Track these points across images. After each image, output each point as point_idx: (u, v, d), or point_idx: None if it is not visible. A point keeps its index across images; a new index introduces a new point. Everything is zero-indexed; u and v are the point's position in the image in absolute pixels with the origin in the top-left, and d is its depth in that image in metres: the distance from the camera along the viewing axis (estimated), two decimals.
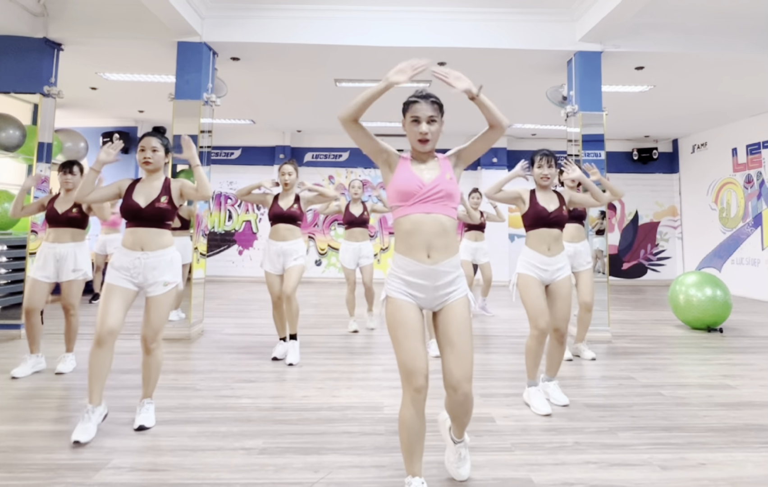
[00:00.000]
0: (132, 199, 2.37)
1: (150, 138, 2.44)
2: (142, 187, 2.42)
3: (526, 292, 2.64)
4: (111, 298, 2.28)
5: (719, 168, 8.24)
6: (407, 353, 1.62)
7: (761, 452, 2.19)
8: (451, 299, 1.69)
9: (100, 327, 2.23)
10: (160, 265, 2.36)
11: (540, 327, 2.60)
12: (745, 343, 4.37)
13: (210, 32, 4.60)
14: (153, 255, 2.35)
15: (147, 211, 2.36)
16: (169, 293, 2.39)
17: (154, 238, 2.37)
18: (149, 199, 2.38)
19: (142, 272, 2.33)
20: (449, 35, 4.68)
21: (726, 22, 4.61)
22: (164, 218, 2.41)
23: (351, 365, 3.56)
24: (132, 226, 2.37)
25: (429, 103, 1.73)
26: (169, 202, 2.43)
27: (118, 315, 2.27)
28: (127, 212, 2.37)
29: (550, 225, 2.67)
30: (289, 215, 3.60)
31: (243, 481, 1.89)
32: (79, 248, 3.24)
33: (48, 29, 4.53)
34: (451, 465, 1.92)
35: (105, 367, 2.26)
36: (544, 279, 2.66)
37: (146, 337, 2.36)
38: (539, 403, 2.61)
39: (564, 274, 2.68)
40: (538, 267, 2.65)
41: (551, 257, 2.66)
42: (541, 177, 2.70)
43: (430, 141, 1.73)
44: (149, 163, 2.43)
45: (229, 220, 9.40)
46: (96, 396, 2.25)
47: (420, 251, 1.66)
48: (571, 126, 4.76)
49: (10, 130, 4.37)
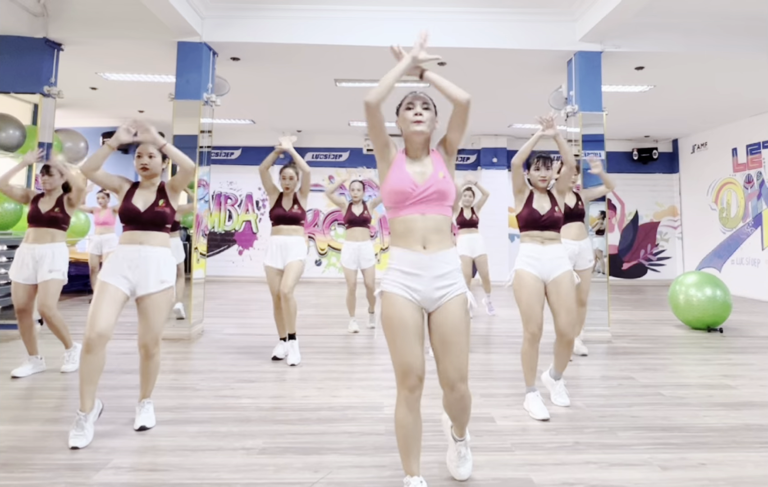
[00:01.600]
0: (131, 203, 2.37)
1: (146, 145, 2.41)
2: (141, 192, 2.42)
3: (521, 291, 2.61)
4: (102, 298, 2.23)
5: (719, 168, 8.24)
6: (401, 351, 1.61)
7: (761, 452, 2.19)
8: (447, 297, 1.67)
9: (90, 331, 2.17)
10: (158, 261, 2.35)
11: (531, 330, 2.57)
12: (745, 343, 4.37)
13: (210, 32, 4.60)
14: (152, 249, 2.35)
15: (146, 215, 2.36)
16: (166, 293, 2.37)
17: (152, 238, 2.38)
18: (148, 202, 2.38)
19: (140, 264, 2.30)
20: (449, 35, 4.68)
21: (726, 22, 4.61)
22: (163, 221, 2.42)
23: (351, 365, 3.56)
24: (130, 229, 2.37)
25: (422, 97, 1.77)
26: (167, 204, 2.43)
27: (110, 318, 2.21)
28: (126, 216, 2.36)
29: (543, 227, 2.66)
30: (291, 216, 3.62)
31: (243, 481, 1.89)
32: (57, 249, 3.20)
33: (48, 29, 4.53)
34: (451, 464, 1.92)
35: (96, 372, 2.21)
36: (541, 274, 2.61)
37: (147, 344, 2.33)
38: (537, 408, 2.58)
39: (563, 268, 2.61)
40: (533, 258, 2.62)
41: (546, 246, 2.63)
42: (540, 179, 2.69)
43: (424, 123, 1.72)
44: (147, 170, 2.42)
45: (229, 220, 9.40)
46: (87, 403, 2.20)
47: (415, 243, 1.66)
48: (571, 126, 4.76)
49: (10, 130, 4.37)
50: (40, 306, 3.13)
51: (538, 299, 2.59)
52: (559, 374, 2.79)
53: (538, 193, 2.73)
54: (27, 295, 3.15)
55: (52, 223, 3.20)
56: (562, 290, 2.59)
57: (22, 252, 3.16)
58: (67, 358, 3.31)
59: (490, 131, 8.87)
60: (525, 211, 2.69)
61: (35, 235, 3.17)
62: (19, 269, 3.13)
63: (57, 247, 3.21)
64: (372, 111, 1.68)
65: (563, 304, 2.58)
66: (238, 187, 9.43)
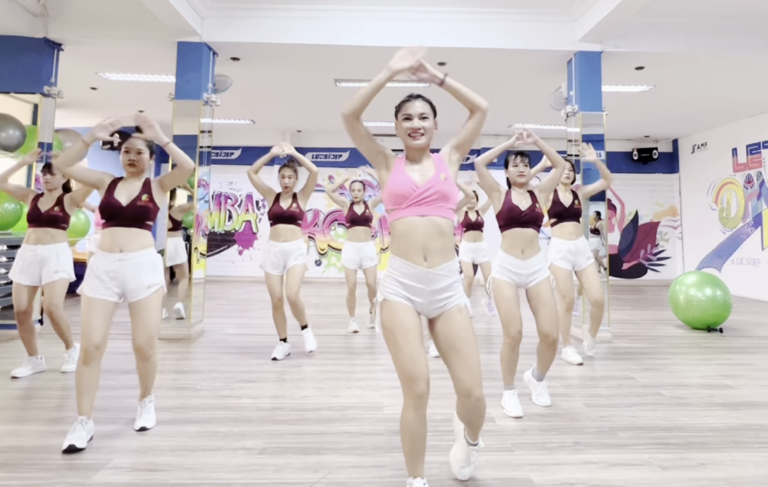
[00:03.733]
0: (113, 197, 2.29)
1: (135, 140, 2.37)
2: (124, 186, 2.35)
3: (500, 297, 2.60)
4: (92, 313, 2.18)
5: (719, 168, 8.24)
6: (407, 359, 1.59)
7: (761, 452, 2.19)
8: (448, 306, 1.67)
9: (87, 343, 2.14)
10: (141, 267, 2.28)
11: (512, 334, 2.56)
12: (745, 343, 4.37)
13: (210, 32, 4.60)
14: (133, 256, 2.27)
15: (128, 209, 2.28)
16: (156, 294, 2.32)
17: (134, 239, 2.29)
18: (131, 197, 2.30)
19: (123, 276, 2.24)
20: (449, 35, 4.68)
21: (726, 22, 4.61)
22: (145, 217, 2.33)
23: (351, 365, 3.55)
24: (111, 225, 2.28)
25: (420, 102, 1.73)
26: (151, 200, 2.35)
27: (103, 329, 2.19)
28: (107, 210, 2.28)
29: (523, 224, 2.62)
30: (289, 215, 3.63)
31: (243, 481, 1.89)
32: (60, 249, 3.19)
33: (48, 29, 4.53)
34: (457, 463, 1.91)
35: (93, 383, 2.20)
36: (519, 283, 2.61)
37: (142, 347, 2.27)
38: (511, 406, 2.59)
39: (541, 276, 2.60)
40: (511, 271, 2.61)
41: (525, 261, 2.59)
42: (518, 175, 2.68)
43: (424, 135, 1.71)
44: (134, 166, 2.37)
45: (229, 220, 9.40)
46: (87, 409, 2.18)
47: (416, 254, 1.64)
48: (571, 126, 4.76)
49: (10, 130, 4.37)
50: (48, 306, 3.13)
51: (517, 304, 2.59)
52: (541, 375, 2.78)
53: (517, 190, 2.72)
54: (29, 297, 3.14)
55: (51, 223, 3.18)
56: (542, 293, 2.57)
57: (24, 253, 3.14)
58: (67, 358, 3.31)
59: (490, 131, 8.87)
60: (505, 207, 2.67)
61: (36, 235, 3.15)
62: (21, 271, 3.12)
63: (60, 247, 3.20)
64: (349, 122, 1.68)
65: (543, 305, 2.56)
66: (238, 187, 9.43)
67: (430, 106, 1.76)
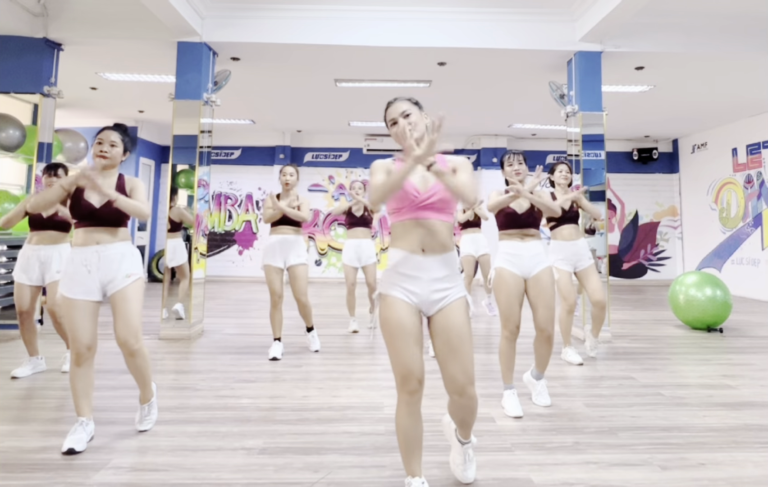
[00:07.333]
0: (84, 199, 2.18)
1: (109, 132, 2.27)
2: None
3: (500, 289, 2.61)
4: (76, 315, 2.12)
5: (719, 168, 8.23)
6: (401, 355, 1.60)
7: (761, 452, 2.19)
8: (447, 301, 1.66)
9: (78, 346, 2.11)
10: (119, 257, 2.21)
11: (509, 328, 2.58)
12: (745, 343, 4.37)
13: (210, 32, 4.60)
14: (110, 247, 2.20)
15: (102, 211, 2.18)
16: (136, 285, 2.23)
17: (110, 235, 2.22)
18: (104, 198, 2.18)
19: (102, 266, 2.16)
20: (449, 35, 4.68)
21: (726, 22, 4.61)
22: (121, 218, 2.24)
23: (351, 365, 3.56)
24: (84, 226, 2.19)
25: (398, 102, 1.75)
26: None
27: (91, 330, 2.15)
28: (78, 212, 2.17)
29: (522, 226, 2.66)
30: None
31: (243, 481, 1.89)
32: (63, 250, 3.21)
33: (48, 29, 4.53)
34: (457, 467, 1.90)
35: (89, 383, 2.19)
36: (521, 271, 2.60)
37: (126, 341, 2.17)
38: (511, 406, 2.60)
39: (542, 265, 2.61)
40: (513, 255, 2.62)
41: (526, 243, 2.63)
42: (515, 173, 2.67)
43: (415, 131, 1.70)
44: (105, 158, 2.23)
45: (229, 220, 9.40)
46: (86, 410, 2.18)
47: (415, 246, 1.66)
48: (571, 126, 4.76)
49: (10, 130, 4.37)
50: (51, 305, 3.16)
51: (518, 298, 2.60)
52: (540, 374, 2.78)
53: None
54: (31, 297, 3.15)
55: (54, 227, 3.20)
56: (541, 285, 2.58)
57: (27, 254, 3.15)
58: (67, 358, 3.30)
59: (490, 131, 8.87)
60: (502, 213, 2.70)
61: (39, 237, 3.17)
62: (24, 271, 3.12)
63: (62, 247, 3.22)
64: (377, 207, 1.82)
65: (542, 299, 2.57)
66: (238, 187, 9.43)
67: (410, 101, 1.77)
